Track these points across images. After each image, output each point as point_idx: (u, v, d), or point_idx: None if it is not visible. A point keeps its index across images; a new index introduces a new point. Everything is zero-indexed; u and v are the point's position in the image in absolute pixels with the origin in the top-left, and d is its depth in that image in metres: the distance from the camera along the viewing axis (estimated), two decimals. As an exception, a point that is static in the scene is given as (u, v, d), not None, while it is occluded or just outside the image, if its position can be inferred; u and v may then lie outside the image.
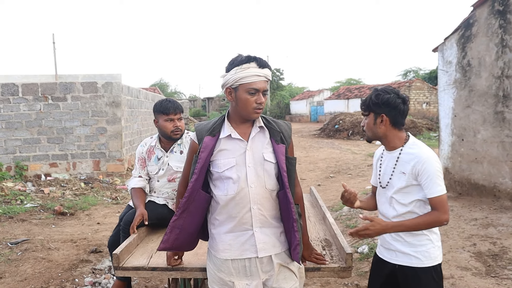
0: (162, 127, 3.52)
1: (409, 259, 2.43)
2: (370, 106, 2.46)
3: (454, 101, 7.92)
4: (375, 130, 2.49)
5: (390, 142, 2.50)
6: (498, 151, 7.18)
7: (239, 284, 2.25)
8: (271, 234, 2.27)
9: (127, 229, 3.26)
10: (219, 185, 2.25)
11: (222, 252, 2.27)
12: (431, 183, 2.32)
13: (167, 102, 3.54)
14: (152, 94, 16.20)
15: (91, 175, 11.06)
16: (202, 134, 2.28)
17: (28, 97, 10.62)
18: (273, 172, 2.25)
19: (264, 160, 2.23)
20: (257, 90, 2.16)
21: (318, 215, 3.91)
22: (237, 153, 2.23)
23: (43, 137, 10.80)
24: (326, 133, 26.54)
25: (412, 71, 49.49)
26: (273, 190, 2.25)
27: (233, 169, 2.21)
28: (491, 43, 7.22)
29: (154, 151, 3.64)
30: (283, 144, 2.27)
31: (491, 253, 4.99)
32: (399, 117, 2.44)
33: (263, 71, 2.17)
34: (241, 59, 2.18)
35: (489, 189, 7.32)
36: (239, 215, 2.22)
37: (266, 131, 2.29)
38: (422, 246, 2.42)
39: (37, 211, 8.00)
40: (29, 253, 5.54)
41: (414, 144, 2.46)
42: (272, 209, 2.27)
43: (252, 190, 2.20)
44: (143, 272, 2.68)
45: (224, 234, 2.27)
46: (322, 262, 2.60)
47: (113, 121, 11.07)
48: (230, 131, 2.24)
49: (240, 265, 2.25)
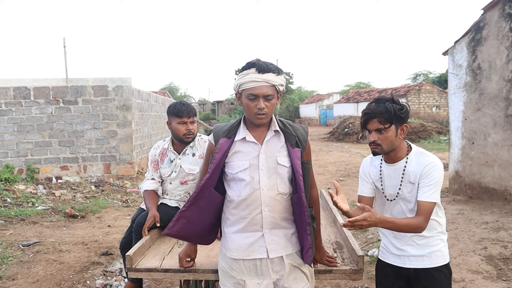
0: (175, 129, 3.55)
1: (423, 260, 2.43)
2: (396, 117, 2.32)
3: (465, 104, 7.90)
4: (396, 142, 2.37)
5: (398, 153, 2.43)
6: (509, 155, 7.15)
7: (250, 283, 2.28)
8: (282, 235, 2.30)
9: (139, 231, 3.29)
10: (232, 186, 2.29)
11: (232, 251, 2.31)
12: (430, 188, 2.30)
13: (181, 105, 3.57)
14: (162, 98, 16.27)
15: (101, 178, 11.13)
16: (219, 136, 2.31)
17: (39, 101, 10.73)
18: (286, 176, 2.27)
19: (277, 163, 2.25)
20: (256, 96, 2.17)
21: (329, 218, 3.92)
22: (250, 156, 2.25)
23: (54, 140, 10.90)
24: (335, 137, 26.48)
25: (422, 74, 49.35)
26: (286, 194, 2.27)
27: (246, 171, 2.24)
28: (502, 46, 7.20)
29: (167, 154, 3.67)
30: (299, 148, 2.28)
31: (502, 257, 4.97)
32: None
33: (263, 76, 2.16)
34: (243, 66, 2.22)
35: (500, 193, 7.28)
36: (250, 216, 2.25)
37: (281, 135, 2.30)
38: (435, 246, 2.42)
39: (48, 214, 8.06)
40: (41, 255, 5.58)
41: (420, 152, 2.43)
42: (284, 212, 2.29)
43: (264, 193, 2.23)
44: (156, 274, 2.70)
45: (234, 234, 2.31)
46: (334, 265, 2.61)
47: (123, 124, 11.14)
48: (245, 134, 2.27)
49: (251, 264, 2.28)
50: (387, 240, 2.59)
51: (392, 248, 2.54)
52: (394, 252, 2.53)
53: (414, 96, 33.55)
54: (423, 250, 2.43)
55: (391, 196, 2.50)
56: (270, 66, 2.19)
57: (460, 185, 8.06)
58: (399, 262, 2.51)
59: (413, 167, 2.39)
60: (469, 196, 7.84)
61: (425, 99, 33.81)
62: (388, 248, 2.58)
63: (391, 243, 2.54)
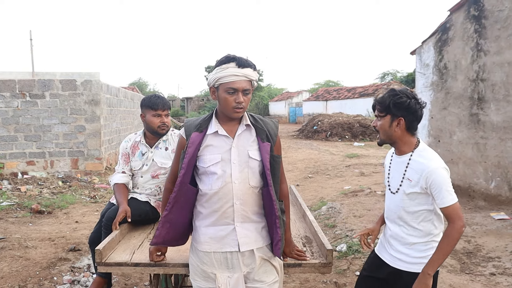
0: (149, 122, 3.54)
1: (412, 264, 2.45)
2: (389, 107, 2.41)
3: (431, 103, 8.09)
4: (390, 132, 2.45)
5: (401, 146, 2.49)
6: (472, 152, 7.35)
7: (221, 276, 2.29)
8: (253, 229, 2.32)
9: (109, 225, 3.26)
10: (204, 180, 2.30)
11: (203, 244, 2.32)
12: (442, 193, 2.29)
13: (156, 98, 3.57)
14: (132, 93, 16.08)
15: (69, 173, 10.94)
16: (190, 130, 2.31)
17: (5, 94, 10.47)
18: (257, 170, 2.29)
19: (249, 157, 2.27)
20: (236, 89, 2.19)
21: (298, 213, 3.96)
22: (222, 150, 2.27)
23: (20, 134, 10.66)
24: (304, 134, 26.64)
25: (390, 73, 50.04)
26: (257, 187, 2.30)
27: (218, 165, 2.25)
28: (467, 47, 7.40)
29: (139, 147, 3.65)
30: (269, 142, 2.31)
31: (465, 251, 5.12)
32: (415, 122, 2.45)
33: (243, 71, 2.19)
34: (221, 59, 2.23)
35: (464, 189, 7.49)
36: (222, 209, 2.27)
37: (253, 129, 2.33)
38: (427, 252, 2.42)
39: (13, 210, 7.89)
40: (6, 252, 5.46)
41: (424, 151, 2.44)
42: (254, 205, 2.31)
43: (235, 186, 2.25)
44: (126, 268, 2.69)
45: (206, 227, 2.32)
46: (303, 258, 2.64)
47: (92, 119, 10.98)
48: (217, 128, 2.29)
49: (222, 257, 2.30)
50: (384, 238, 2.65)
51: (387, 245, 2.59)
52: (387, 249, 2.59)
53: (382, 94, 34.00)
54: (417, 253, 2.44)
55: (394, 188, 2.53)
56: (249, 61, 2.23)
57: (426, 182, 8.24)
58: (388, 259, 2.57)
59: (414, 166, 2.41)
60: (434, 193, 8.01)
61: (393, 98, 34.31)
62: (383, 244, 2.64)
63: (387, 241, 2.59)
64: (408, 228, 2.47)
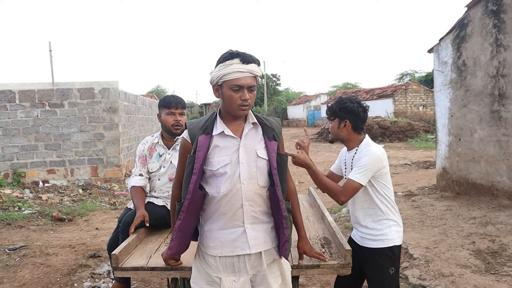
0: (163, 120, 3.57)
1: (370, 241, 2.85)
2: (336, 112, 2.86)
3: (451, 101, 7.96)
4: (338, 133, 2.90)
5: (349, 143, 2.92)
6: (495, 150, 7.21)
7: (226, 280, 2.23)
8: (262, 230, 2.26)
9: (126, 230, 3.25)
10: (211, 183, 2.22)
11: (213, 249, 2.24)
12: (357, 170, 2.72)
13: (170, 96, 3.62)
14: (150, 100, 16.19)
15: (89, 181, 11.04)
16: (195, 133, 2.22)
17: (25, 104, 10.63)
18: (266, 169, 2.23)
19: (257, 156, 2.21)
20: (241, 86, 2.11)
21: (317, 214, 3.92)
22: (230, 151, 2.19)
23: (41, 143, 10.80)
24: (323, 137, 26.49)
25: (408, 74, 49.68)
26: (265, 187, 2.24)
27: (227, 166, 2.17)
28: (486, 43, 7.26)
29: (156, 148, 3.64)
30: (275, 141, 2.26)
31: (490, 251, 5.00)
32: (359, 123, 2.86)
33: (247, 67, 2.12)
34: (224, 56, 2.14)
35: (487, 188, 7.34)
36: (231, 212, 2.20)
37: (259, 128, 2.26)
38: (381, 230, 2.82)
39: (35, 218, 7.98)
40: (27, 259, 5.51)
41: (367, 144, 2.84)
42: (263, 205, 2.26)
43: (244, 187, 2.18)
44: (142, 272, 2.67)
45: (216, 232, 2.24)
46: (323, 259, 2.60)
47: (110, 127, 11.07)
48: (222, 128, 2.20)
49: (228, 262, 2.23)
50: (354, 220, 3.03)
51: (357, 226, 2.98)
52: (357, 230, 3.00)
53: (401, 95, 33.78)
54: (372, 231, 2.84)
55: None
56: (253, 56, 2.16)
57: (447, 182, 8.11)
58: (359, 240, 2.95)
59: (358, 155, 2.82)
60: (456, 193, 7.89)
61: (412, 99, 34.07)
62: (355, 226, 3.03)
63: (357, 222, 2.95)
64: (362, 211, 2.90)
